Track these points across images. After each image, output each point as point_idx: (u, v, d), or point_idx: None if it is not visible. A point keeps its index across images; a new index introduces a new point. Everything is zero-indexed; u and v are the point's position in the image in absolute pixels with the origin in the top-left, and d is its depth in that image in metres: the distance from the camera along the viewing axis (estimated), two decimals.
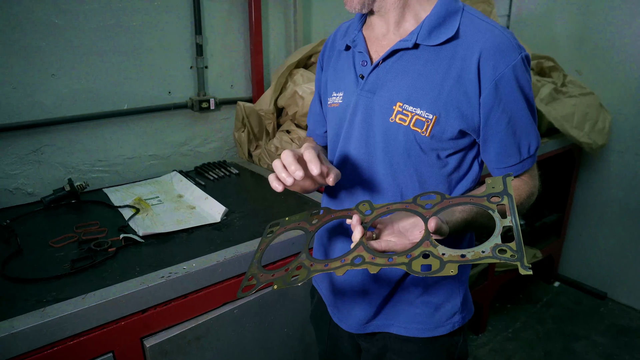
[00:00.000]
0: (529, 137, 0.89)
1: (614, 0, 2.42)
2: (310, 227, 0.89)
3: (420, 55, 0.87)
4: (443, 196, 0.77)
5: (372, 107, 0.92)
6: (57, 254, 1.16)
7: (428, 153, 0.89)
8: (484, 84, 0.83)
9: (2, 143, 1.50)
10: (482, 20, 0.86)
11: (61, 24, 1.51)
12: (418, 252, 0.69)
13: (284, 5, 2.03)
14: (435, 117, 0.85)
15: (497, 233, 0.67)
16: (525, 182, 0.92)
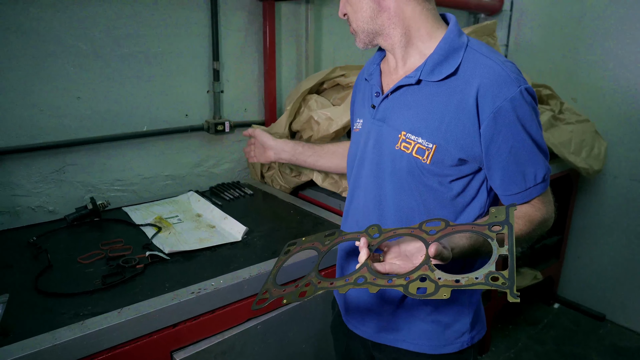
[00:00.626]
0: (535, 165, 0.92)
1: (604, 32, 2.55)
2: (323, 248, 0.96)
3: (422, 90, 0.95)
4: (447, 223, 0.82)
5: (382, 135, 1.00)
6: (87, 269, 1.20)
7: (430, 178, 0.96)
8: (482, 116, 0.89)
9: (27, 162, 1.55)
10: (483, 56, 0.92)
11: (88, 50, 1.59)
12: (416, 275, 0.74)
13: (296, 35, 2.13)
14: (435, 146, 0.92)
15: (492, 261, 0.71)
16: (537, 209, 0.95)
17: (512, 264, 0.69)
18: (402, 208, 1.00)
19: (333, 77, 1.81)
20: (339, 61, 2.33)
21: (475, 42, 0.97)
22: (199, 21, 1.81)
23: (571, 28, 2.70)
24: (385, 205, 1.01)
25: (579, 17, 2.66)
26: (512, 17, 2.94)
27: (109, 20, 1.60)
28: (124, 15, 1.63)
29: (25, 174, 1.55)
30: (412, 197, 0.99)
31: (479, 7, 2.86)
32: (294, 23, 2.11)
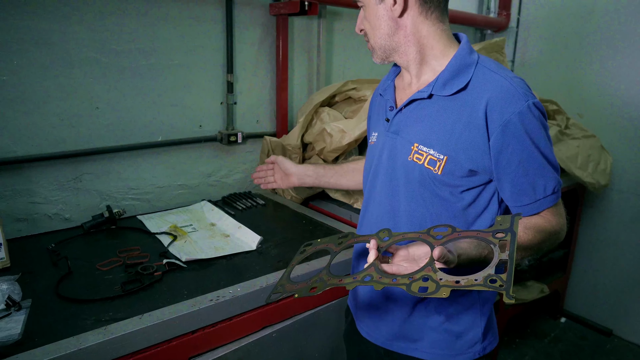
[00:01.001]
0: (545, 178, 0.95)
1: (610, 50, 2.59)
2: (335, 248, 1.00)
3: (434, 104, 0.99)
4: (454, 229, 0.86)
5: (396, 146, 1.04)
6: (106, 276, 1.22)
7: (442, 189, 0.99)
8: (491, 129, 0.92)
9: (46, 170, 1.58)
10: (493, 72, 0.96)
11: (108, 62, 1.63)
12: (419, 275, 0.78)
13: (308, 49, 2.18)
14: (446, 158, 0.96)
15: (493, 264, 0.74)
16: (547, 221, 0.97)
17: (510, 268, 0.72)
18: (415, 218, 1.03)
19: (345, 90, 1.85)
20: (349, 75, 2.37)
21: (485, 59, 1.01)
22: (215, 35, 1.86)
23: (577, 45, 2.74)
24: (399, 216, 1.04)
25: (584, 34, 2.70)
26: (518, 34, 2.99)
27: (129, 33, 1.65)
28: (143, 29, 1.67)
29: (43, 182, 1.58)
30: (424, 208, 1.01)
31: (486, 24, 2.92)
32: (306, 37, 2.16)
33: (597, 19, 2.64)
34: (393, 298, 1.07)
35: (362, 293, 1.14)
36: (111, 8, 1.59)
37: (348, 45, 2.34)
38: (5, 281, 1.15)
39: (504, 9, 2.96)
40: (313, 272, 1.26)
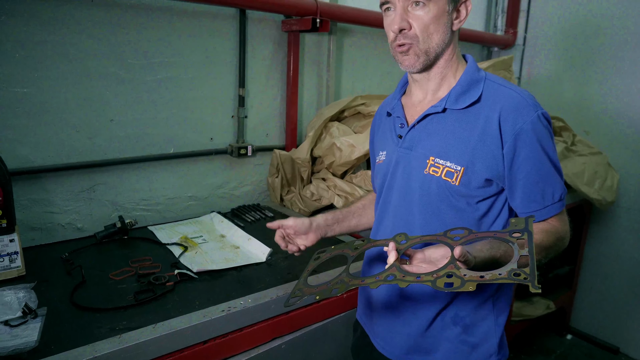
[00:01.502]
0: (553, 185, 1.00)
1: (616, 69, 2.62)
2: (352, 253, 1.02)
3: (448, 117, 1.03)
4: (470, 231, 0.89)
5: (410, 162, 1.07)
6: (119, 286, 1.25)
7: (459, 200, 1.01)
8: (505, 138, 0.97)
9: (61, 180, 1.62)
10: (502, 86, 1.02)
11: (125, 76, 1.67)
12: (443, 272, 0.80)
13: (318, 65, 2.22)
14: (463, 169, 0.99)
15: (514, 260, 0.77)
16: (553, 226, 1.02)
17: (532, 263, 0.75)
18: (430, 229, 1.05)
19: (354, 105, 1.88)
20: (358, 90, 2.41)
21: (491, 75, 1.07)
22: (228, 50, 1.91)
23: (583, 63, 2.77)
24: (414, 229, 1.06)
25: (590, 52, 2.73)
26: (525, 51, 3.03)
27: (146, 48, 1.69)
28: (159, 44, 1.72)
29: (58, 191, 1.62)
30: (439, 220, 1.04)
31: (494, 41, 2.96)
32: (316, 53, 2.20)
33: (603, 39, 2.67)
34: (411, 310, 1.08)
35: (378, 307, 1.15)
36: (129, 24, 1.64)
37: (357, 61, 2.39)
38: (21, 289, 1.18)
39: (511, 27, 3.00)
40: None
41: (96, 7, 1.57)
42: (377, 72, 2.48)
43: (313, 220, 1.26)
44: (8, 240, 1.27)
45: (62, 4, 1.51)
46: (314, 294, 0.91)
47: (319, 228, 1.26)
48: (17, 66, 1.46)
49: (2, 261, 1.25)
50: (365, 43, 2.40)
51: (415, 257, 0.90)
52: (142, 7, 1.66)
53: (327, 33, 2.16)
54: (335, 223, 1.30)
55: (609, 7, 2.63)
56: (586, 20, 2.74)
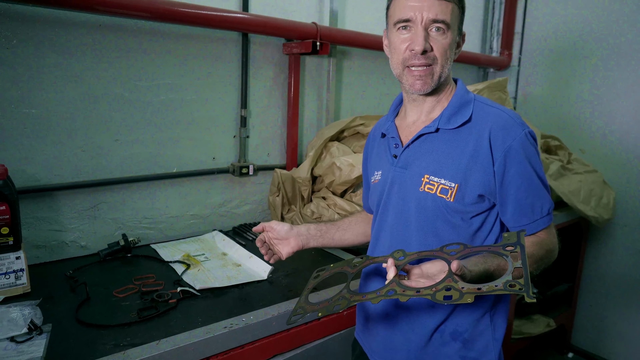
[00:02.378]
0: (542, 199, 1.05)
1: (611, 91, 2.68)
2: (352, 270, 1.05)
3: (441, 137, 1.08)
4: (465, 246, 0.93)
5: (405, 180, 1.11)
6: (123, 303, 1.27)
7: (454, 216, 1.05)
8: (495, 155, 1.02)
9: (66, 199, 1.65)
10: (490, 106, 1.09)
11: (130, 97, 1.72)
12: (441, 286, 0.83)
13: (318, 86, 2.28)
14: (457, 185, 1.03)
15: (509, 272, 0.81)
16: (542, 239, 1.06)
17: (526, 274, 0.79)
18: (426, 246, 1.08)
19: (353, 125, 1.93)
20: (357, 111, 2.46)
21: (480, 96, 1.13)
22: (231, 73, 1.96)
23: (577, 84, 2.84)
24: (410, 245, 1.09)
25: (584, 73, 2.80)
26: (520, 72, 3.10)
27: (151, 70, 1.75)
28: (164, 66, 1.78)
29: (63, 210, 1.65)
30: (435, 236, 1.07)
31: (489, 63, 3.03)
32: (316, 75, 2.26)
33: (595, 60, 2.74)
34: (409, 326, 1.10)
35: (376, 323, 1.17)
36: (136, 47, 1.70)
37: (356, 83, 2.44)
38: (27, 306, 1.20)
39: (506, 48, 3.08)
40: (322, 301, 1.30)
41: (104, 31, 1.62)
42: (376, 93, 2.54)
43: (294, 226, 1.31)
44: (14, 257, 1.29)
45: (73, 29, 1.56)
46: (316, 311, 0.93)
47: (299, 235, 1.30)
48: (27, 88, 1.51)
49: (8, 278, 1.28)
50: (364, 65, 2.46)
51: (413, 273, 0.93)
52: (148, 32, 1.72)
53: (327, 55, 2.23)
54: (318, 234, 1.33)
55: (600, 30, 2.71)
56: (578, 42, 2.82)
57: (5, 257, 1.27)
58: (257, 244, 1.29)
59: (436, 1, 1.00)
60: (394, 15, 1.06)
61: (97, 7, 1.48)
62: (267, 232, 1.30)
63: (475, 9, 3.13)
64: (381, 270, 1.14)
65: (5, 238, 1.26)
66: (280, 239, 1.30)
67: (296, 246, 1.30)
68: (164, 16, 1.63)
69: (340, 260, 1.11)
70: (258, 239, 1.30)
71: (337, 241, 1.37)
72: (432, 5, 1.00)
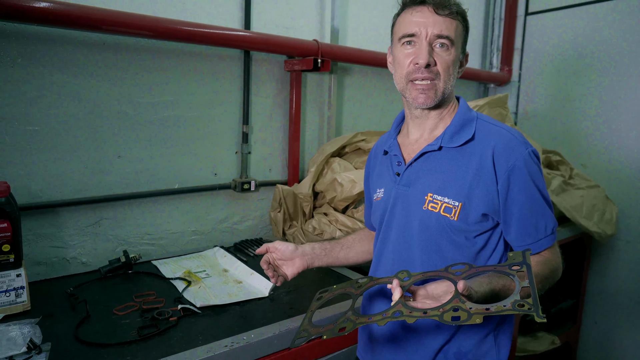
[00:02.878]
0: (545, 218, 1.05)
1: (611, 107, 2.69)
2: (356, 291, 1.04)
3: (444, 155, 1.08)
4: (471, 266, 0.92)
5: (408, 198, 1.10)
6: (123, 321, 1.26)
7: (458, 235, 1.05)
8: (499, 174, 1.01)
9: (67, 216, 1.65)
10: (493, 125, 1.08)
11: (132, 114, 1.73)
12: (449, 306, 0.82)
13: (320, 102, 2.29)
14: (461, 204, 1.03)
15: (517, 292, 0.80)
16: (547, 259, 1.05)
17: (534, 293, 0.78)
18: (430, 266, 1.07)
19: (355, 141, 1.94)
20: (358, 127, 2.47)
21: (482, 115, 1.13)
22: (233, 89, 1.98)
23: (577, 99, 2.85)
24: (413, 264, 1.08)
25: (584, 88, 2.81)
26: (520, 88, 3.12)
27: (154, 87, 1.76)
28: (167, 83, 1.79)
29: (65, 226, 1.65)
30: (439, 255, 1.06)
31: (489, 79, 3.06)
32: (318, 91, 2.28)
33: (594, 76, 2.76)
34: (414, 347, 1.09)
35: (380, 343, 1.16)
36: (139, 65, 1.72)
37: (357, 99, 2.46)
38: (26, 324, 1.19)
39: (506, 64, 3.10)
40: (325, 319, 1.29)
41: (107, 49, 1.64)
42: (377, 109, 2.56)
43: (299, 246, 1.29)
44: (15, 275, 1.29)
45: (77, 48, 1.58)
46: (320, 334, 0.92)
47: (304, 254, 1.28)
48: (31, 106, 1.52)
49: (8, 296, 1.27)
50: (365, 81, 2.48)
51: (419, 294, 0.92)
52: (151, 49, 1.74)
53: (328, 72, 2.24)
54: (323, 253, 1.31)
55: (600, 45, 2.73)
56: (578, 58, 2.84)
57: (6, 275, 1.27)
58: (263, 265, 1.27)
59: (441, 17, 1.02)
60: (399, 31, 1.07)
61: (102, 26, 1.51)
62: (271, 252, 1.28)
63: (475, 25, 3.17)
64: (385, 291, 1.13)
65: (6, 255, 1.26)
66: (285, 260, 1.28)
67: (301, 266, 1.28)
68: (167, 35, 1.65)
69: (343, 282, 1.10)
70: (263, 261, 1.27)
71: (341, 260, 1.35)
72: (437, 22, 1.02)
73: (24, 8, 1.34)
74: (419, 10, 1.03)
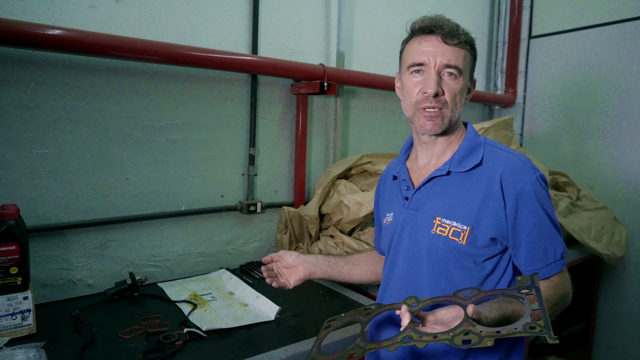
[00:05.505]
0: (554, 243, 1.04)
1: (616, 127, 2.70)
2: (365, 319, 1.03)
3: (452, 180, 1.08)
4: (479, 290, 0.91)
5: (417, 222, 1.10)
6: (128, 345, 1.25)
7: (466, 259, 1.04)
8: (507, 198, 1.01)
9: (75, 237, 1.66)
10: (501, 150, 1.09)
11: (140, 137, 1.76)
12: (459, 330, 0.81)
13: (325, 125, 2.32)
14: (470, 228, 1.03)
15: (527, 314, 0.80)
16: (556, 284, 1.04)
17: (545, 315, 0.77)
18: (438, 290, 1.07)
19: (361, 163, 1.94)
20: (364, 149, 2.49)
21: (489, 140, 1.14)
22: (240, 112, 2.00)
23: (583, 120, 2.85)
24: (422, 288, 1.08)
25: (589, 110, 2.82)
26: (525, 109, 3.13)
27: (162, 111, 1.79)
28: (174, 106, 1.82)
29: (72, 248, 1.66)
30: (447, 279, 1.06)
31: (494, 100, 3.08)
32: (323, 113, 2.30)
33: (600, 98, 2.77)
34: None
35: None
36: (148, 89, 1.75)
37: (363, 121, 2.48)
38: (32, 348, 1.18)
39: (511, 86, 3.13)
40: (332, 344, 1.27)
41: (117, 74, 1.68)
42: (383, 131, 2.57)
43: (302, 254, 1.33)
44: (22, 297, 1.29)
45: (87, 72, 1.62)
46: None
47: (306, 262, 1.31)
48: (42, 129, 1.55)
49: (14, 319, 1.27)
50: (371, 104, 2.50)
51: (428, 320, 0.92)
52: (160, 74, 1.78)
53: (334, 95, 2.27)
54: (327, 264, 1.33)
55: (602, 69, 2.75)
56: (583, 80, 2.86)
57: (13, 298, 1.27)
58: (263, 271, 1.29)
59: (449, 47, 1.03)
60: (408, 59, 1.09)
61: (113, 52, 1.54)
62: (276, 261, 1.32)
63: (479, 47, 3.19)
64: (393, 318, 1.12)
65: (13, 278, 1.26)
66: (288, 267, 1.31)
67: (303, 274, 1.30)
68: (176, 60, 1.69)
69: (350, 306, 1.09)
70: (264, 268, 1.30)
71: (345, 275, 1.36)
72: (446, 51, 1.03)
73: (37, 35, 1.38)
74: (428, 39, 1.05)
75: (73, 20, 1.57)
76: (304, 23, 2.18)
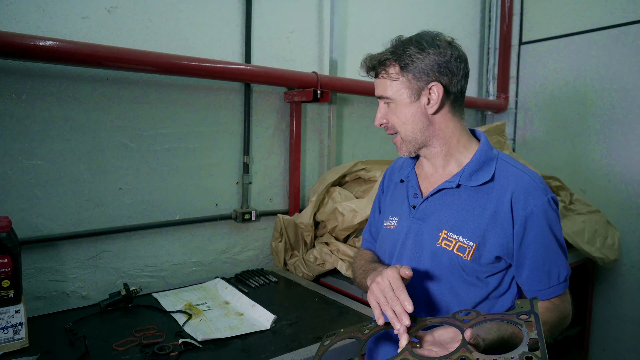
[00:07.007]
0: (559, 266, 1.04)
1: (607, 131, 2.72)
2: (363, 336, 1.01)
3: (462, 193, 1.07)
4: (478, 313, 0.91)
5: (422, 233, 1.10)
6: (123, 357, 1.24)
7: (470, 274, 1.04)
8: (516, 218, 1.01)
9: (68, 248, 1.65)
10: (514, 167, 1.07)
11: (134, 147, 1.75)
12: (456, 356, 0.81)
13: (319, 132, 2.32)
14: (476, 245, 1.02)
15: (525, 343, 0.79)
16: (556, 306, 1.04)
17: (542, 346, 0.77)
18: (442, 303, 1.07)
19: (355, 170, 1.95)
20: (358, 156, 2.50)
21: (503, 154, 1.12)
22: (233, 121, 2.00)
23: (575, 125, 2.88)
24: (423, 300, 1.07)
25: (581, 116, 2.85)
26: (517, 115, 3.16)
27: (156, 120, 1.79)
28: (168, 116, 1.82)
29: (65, 260, 1.64)
30: (450, 292, 1.06)
31: (486, 106, 3.10)
32: (317, 121, 2.31)
33: (591, 103, 2.80)
34: None
35: None
36: (141, 98, 1.75)
37: (356, 129, 2.49)
38: None
39: (502, 92, 3.15)
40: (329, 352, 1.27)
41: (110, 84, 1.68)
42: (376, 137, 2.58)
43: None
44: (14, 311, 1.27)
45: (80, 83, 1.61)
46: None
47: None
48: (35, 140, 1.54)
49: (6, 333, 1.25)
50: (364, 111, 2.51)
51: (425, 340, 0.91)
52: (153, 83, 1.77)
53: (328, 103, 2.28)
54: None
55: (593, 73, 2.78)
56: (573, 85, 2.89)
57: (5, 311, 1.25)
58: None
59: (377, 80, 1.12)
60: None
61: (107, 63, 1.54)
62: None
63: (471, 54, 3.23)
64: (391, 333, 1.11)
65: (5, 291, 1.25)
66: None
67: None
68: (170, 69, 1.69)
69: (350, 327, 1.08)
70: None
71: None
72: (376, 84, 1.12)
73: (29, 47, 1.38)
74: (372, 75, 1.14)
75: (65, 31, 1.56)
76: (296, 31, 2.20)
